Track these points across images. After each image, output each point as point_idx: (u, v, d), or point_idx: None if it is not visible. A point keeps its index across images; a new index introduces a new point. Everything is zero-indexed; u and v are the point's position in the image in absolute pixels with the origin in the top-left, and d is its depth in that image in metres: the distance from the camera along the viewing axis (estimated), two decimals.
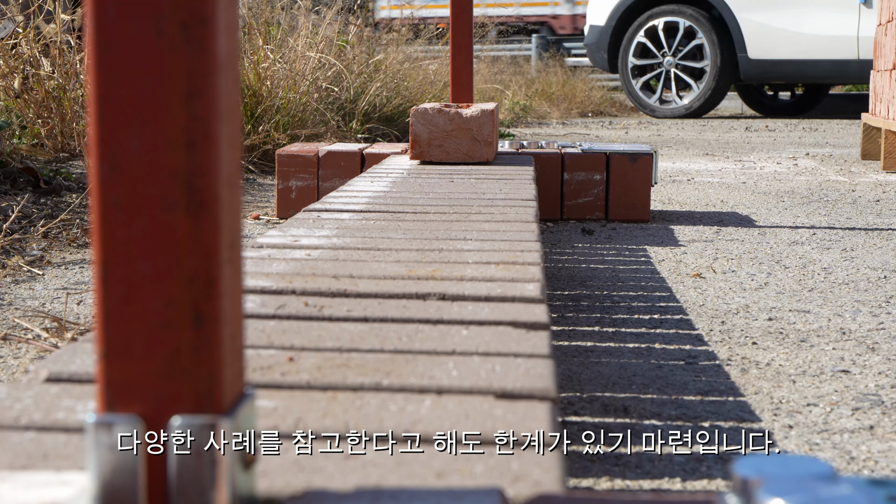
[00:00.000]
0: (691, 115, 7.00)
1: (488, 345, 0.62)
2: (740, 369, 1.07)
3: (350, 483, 0.42)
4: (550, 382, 0.54)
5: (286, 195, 2.11)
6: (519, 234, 1.03)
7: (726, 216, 2.28)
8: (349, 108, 3.64)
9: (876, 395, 0.99)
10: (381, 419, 0.49)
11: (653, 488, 0.75)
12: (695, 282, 1.54)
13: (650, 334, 1.21)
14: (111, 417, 0.38)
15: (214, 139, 0.37)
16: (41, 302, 1.35)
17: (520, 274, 0.82)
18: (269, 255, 0.90)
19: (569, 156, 2.14)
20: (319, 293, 0.75)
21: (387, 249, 0.94)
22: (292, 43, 3.37)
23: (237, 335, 0.39)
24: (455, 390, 0.53)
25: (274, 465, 0.43)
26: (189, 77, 0.36)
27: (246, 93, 3.06)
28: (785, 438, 0.87)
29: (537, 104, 7.26)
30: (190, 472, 0.37)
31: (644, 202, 2.14)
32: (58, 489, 0.39)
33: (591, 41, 7.33)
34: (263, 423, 0.48)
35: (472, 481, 0.42)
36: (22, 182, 2.14)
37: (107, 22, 0.36)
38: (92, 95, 0.37)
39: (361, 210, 1.21)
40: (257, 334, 0.64)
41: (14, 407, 0.49)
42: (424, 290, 0.76)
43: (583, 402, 0.94)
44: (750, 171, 3.36)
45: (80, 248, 1.74)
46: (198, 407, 0.37)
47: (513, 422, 0.49)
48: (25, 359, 1.08)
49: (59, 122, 2.65)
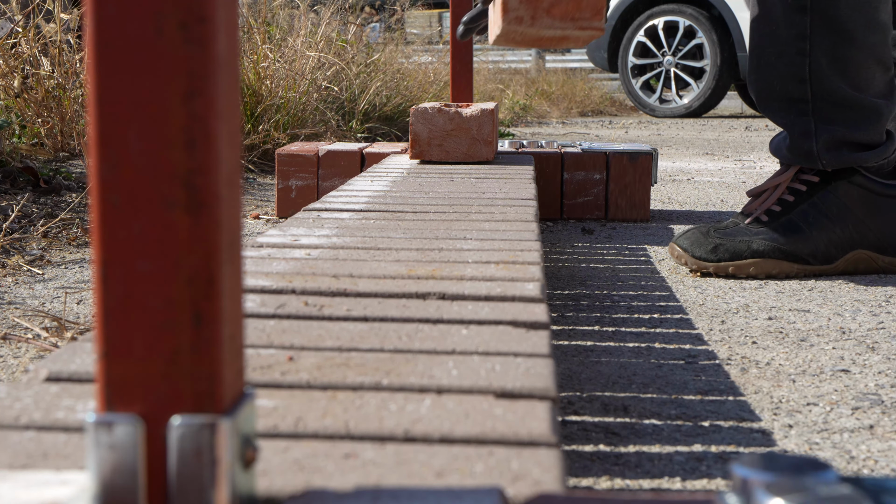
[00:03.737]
0: (691, 114, 7.00)
1: (488, 344, 0.62)
2: (740, 369, 1.07)
3: (350, 482, 0.42)
4: (550, 382, 0.54)
5: (286, 194, 2.11)
6: (519, 234, 1.03)
7: (726, 216, 2.28)
8: (349, 107, 3.64)
9: (876, 394, 0.99)
10: (381, 418, 0.49)
11: (653, 488, 0.75)
12: (694, 281, 1.54)
13: (650, 334, 1.21)
14: (111, 417, 0.38)
15: (214, 138, 0.37)
16: (41, 301, 1.35)
17: (520, 273, 0.82)
18: (269, 255, 0.90)
19: (569, 155, 2.14)
20: (319, 292, 0.75)
21: (387, 249, 0.94)
22: (292, 42, 3.37)
23: (237, 335, 0.39)
24: (455, 389, 0.53)
25: (274, 465, 0.43)
26: (189, 76, 0.36)
27: (246, 92, 3.06)
28: (785, 438, 0.87)
29: (537, 104, 7.26)
30: (190, 471, 0.37)
31: (644, 201, 2.14)
32: (58, 488, 0.39)
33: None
34: (263, 423, 0.48)
35: (471, 480, 0.42)
36: (22, 181, 2.14)
37: (106, 21, 0.36)
38: (91, 95, 0.37)
39: (361, 209, 1.21)
40: (257, 334, 0.64)
41: (14, 406, 0.49)
42: (424, 289, 0.76)
43: (583, 402, 0.94)
44: (750, 171, 3.36)
45: (80, 247, 1.74)
46: (198, 406, 0.37)
47: (513, 421, 0.49)
48: (25, 358, 1.08)
49: (58, 122, 2.65)
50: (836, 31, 1.51)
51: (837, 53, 1.52)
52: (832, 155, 1.55)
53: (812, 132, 1.55)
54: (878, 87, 1.55)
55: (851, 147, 1.56)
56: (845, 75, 1.53)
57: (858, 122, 1.54)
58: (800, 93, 1.55)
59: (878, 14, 1.52)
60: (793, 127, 1.57)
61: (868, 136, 1.55)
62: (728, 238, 1.57)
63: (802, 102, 1.55)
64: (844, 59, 1.52)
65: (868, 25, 1.51)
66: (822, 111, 1.55)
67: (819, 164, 1.56)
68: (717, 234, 1.57)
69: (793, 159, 1.59)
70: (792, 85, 1.55)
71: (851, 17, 1.51)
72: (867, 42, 1.52)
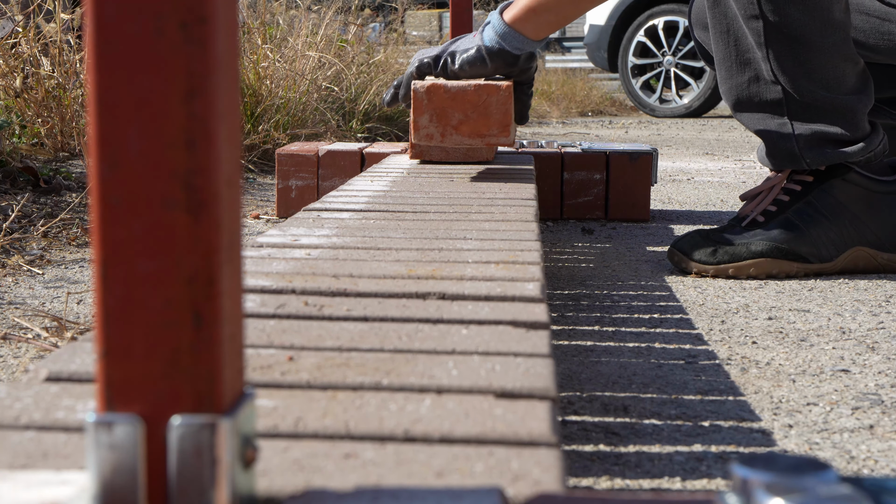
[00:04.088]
0: (691, 114, 7.00)
1: (488, 344, 0.62)
2: (740, 368, 1.07)
3: (350, 482, 0.42)
4: (550, 382, 0.54)
5: (286, 194, 2.11)
6: (519, 234, 1.03)
7: (726, 216, 2.28)
8: (349, 107, 3.64)
9: (876, 394, 0.99)
10: (381, 418, 0.49)
11: (652, 487, 0.75)
12: (694, 281, 1.54)
13: (650, 334, 1.21)
14: (111, 417, 0.38)
15: (214, 138, 0.37)
16: (41, 301, 1.35)
17: (520, 273, 0.82)
18: (269, 255, 0.90)
19: (569, 155, 2.14)
20: (319, 292, 0.75)
21: (387, 249, 0.94)
22: (292, 42, 3.37)
23: (237, 334, 0.39)
24: (455, 389, 0.53)
25: (274, 465, 0.43)
26: (189, 76, 0.36)
27: (246, 92, 3.06)
28: (785, 438, 0.87)
29: (537, 103, 7.26)
30: (190, 471, 0.37)
31: (644, 201, 2.14)
32: (58, 488, 0.39)
33: (591, 40, 7.33)
34: (263, 423, 0.48)
35: (471, 480, 0.42)
36: (22, 181, 2.14)
37: (106, 21, 0.36)
38: (91, 94, 0.37)
39: (361, 209, 1.21)
40: (257, 333, 0.64)
41: (14, 406, 0.49)
42: (424, 289, 0.76)
43: (583, 402, 0.94)
44: (750, 171, 3.36)
45: (80, 247, 1.74)
46: (198, 406, 0.37)
47: (513, 421, 0.49)
48: (25, 358, 1.08)
49: (58, 122, 2.65)
50: (791, 37, 1.50)
51: (799, 58, 1.51)
52: (815, 153, 1.55)
53: (791, 133, 1.55)
54: (849, 84, 1.54)
55: (833, 144, 1.55)
56: (812, 77, 1.52)
57: (834, 121, 1.54)
58: (772, 94, 1.55)
59: (832, 14, 1.50)
60: (769, 132, 1.57)
61: (846, 134, 1.54)
62: (726, 240, 1.57)
63: (776, 105, 1.55)
64: (806, 62, 1.52)
65: (823, 28, 1.50)
66: (796, 112, 1.54)
67: (803, 164, 1.56)
68: (716, 237, 1.57)
69: (777, 164, 1.59)
70: (764, 88, 1.55)
71: (804, 22, 1.50)
72: (825, 44, 1.51)
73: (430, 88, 1.51)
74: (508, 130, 1.51)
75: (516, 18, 1.51)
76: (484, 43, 1.53)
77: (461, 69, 1.52)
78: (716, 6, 1.57)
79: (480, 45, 1.53)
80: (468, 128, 1.50)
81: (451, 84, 1.51)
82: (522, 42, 1.52)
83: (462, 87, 1.50)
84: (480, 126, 1.49)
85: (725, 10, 1.56)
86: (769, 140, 1.58)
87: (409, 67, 1.59)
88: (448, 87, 1.51)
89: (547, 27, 1.52)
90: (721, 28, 1.57)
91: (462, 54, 1.53)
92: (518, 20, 1.51)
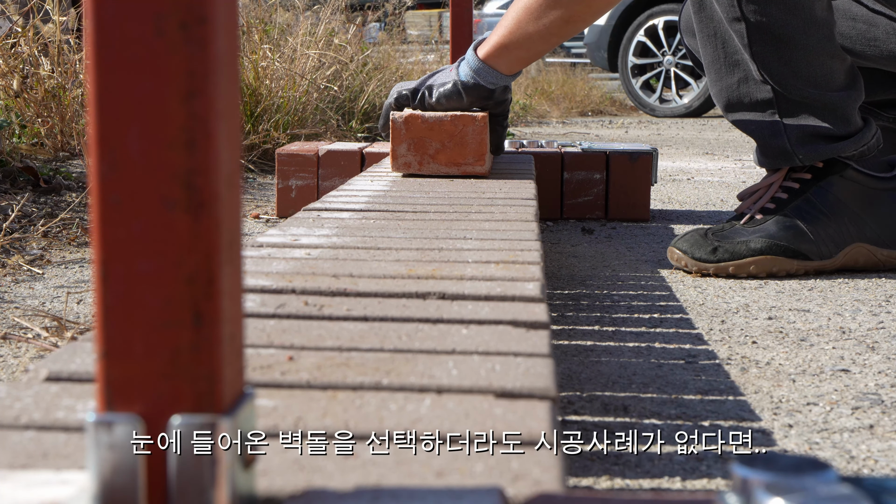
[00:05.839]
0: (691, 114, 7.00)
1: (488, 344, 0.62)
2: (740, 368, 1.07)
3: (350, 482, 0.42)
4: (550, 381, 0.54)
5: (286, 194, 2.11)
6: (519, 234, 1.03)
7: (726, 215, 2.28)
8: (349, 107, 3.64)
9: (876, 394, 0.99)
10: (381, 418, 0.49)
11: (653, 487, 0.75)
12: (694, 281, 1.54)
13: (650, 333, 1.21)
14: (111, 417, 0.38)
15: (214, 138, 0.37)
16: (41, 301, 1.35)
17: (520, 273, 0.82)
18: (269, 254, 0.90)
19: (569, 155, 2.14)
20: (319, 292, 0.75)
21: (387, 248, 0.94)
22: (291, 42, 3.37)
23: (237, 334, 0.39)
24: (455, 389, 0.53)
25: (274, 464, 0.43)
26: (188, 76, 0.36)
27: (245, 92, 3.06)
28: (785, 437, 0.87)
29: (537, 103, 7.26)
30: (190, 471, 0.38)
31: (644, 201, 2.14)
32: (58, 488, 0.39)
33: (591, 40, 7.33)
34: (263, 423, 0.48)
35: (471, 480, 0.42)
36: (22, 181, 2.14)
37: (106, 21, 0.36)
38: (91, 95, 0.37)
39: (361, 209, 1.21)
40: (257, 333, 0.64)
41: (14, 406, 0.49)
42: (424, 289, 0.76)
43: (583, 402, 0.94)
44: (750, 171, 3.36)
45: (80, 247, 1.74)
46: (198, 406, 0.37)
47: (513, 421, 0.49)
48: (25, 358, 1.08)
49: (58, 122, 2.65)
50: (774, 37, 1.51)
51: (784, 57, 1.52)
52: (807, 149, 1.55)
53: (782, 130, 1.55)
54: (838, 80, 1.54)
55: (825, 139, 1.56)
56: (799, 76, 1.52)
57: (825, 117, 1.54)
58: (762, 94, 1.55)
59: (813, 13, 1.50)
60: (761, 131, 1.57)
61: (838, 129, 1.55)
62: (726, 239, 1.57)
63: (766, 104, 1.55)
64: (792, 61, 1.52)
65: (806, 26, 1.50)
66: (786, 109, 1.55)
67: (797, 161, 1.56)
68: (716, 236, 1.57)
69: (771, 162, 1.59)
70: (754, 88, 1.55)
71: (786, 21, 1.50)
72: (810, 42, 1.51)
73: (408, 119, 1.58)
74: (484, 160, 1.57)
75: (489, 54, 1.57)
76: (460, 77, 1.59)
77: (438, 102, 1.58)
78: (701, 10, 1.58)
79: (456, 80, 1.58)
80: (445, 157, 1.57)
81: (428, 114, 1.58)
82: (496, 77, 1.58)
83: (439, 117, 1.57)
84: (456, 155, 1.56)
85: (711, 14, 1.56)
86: (761, 139, 1.58)
87: (388, 98, 1.63)
88: (425, 118, 1.58)
89: (518, 63, 1.57)
90: (708, 32, 1.58)
91: (439, 88, 1.59)
92: (491, 56, 1.57)
